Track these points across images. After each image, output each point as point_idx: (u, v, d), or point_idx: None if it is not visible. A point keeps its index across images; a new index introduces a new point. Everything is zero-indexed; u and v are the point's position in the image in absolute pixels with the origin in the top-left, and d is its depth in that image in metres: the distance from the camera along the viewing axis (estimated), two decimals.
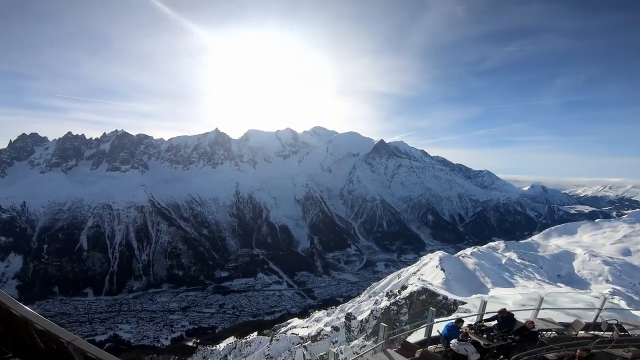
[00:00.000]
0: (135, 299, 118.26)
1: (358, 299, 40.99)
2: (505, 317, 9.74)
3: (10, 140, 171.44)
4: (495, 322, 9.91)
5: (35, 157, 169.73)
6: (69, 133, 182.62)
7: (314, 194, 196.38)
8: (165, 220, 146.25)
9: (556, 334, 10.43)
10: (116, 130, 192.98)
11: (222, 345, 41.85)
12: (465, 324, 9.73)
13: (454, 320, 9.74)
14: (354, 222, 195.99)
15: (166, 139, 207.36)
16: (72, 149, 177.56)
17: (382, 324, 9.96)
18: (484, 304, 11.11)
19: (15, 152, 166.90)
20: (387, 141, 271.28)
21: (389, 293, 32.07)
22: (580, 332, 10.50)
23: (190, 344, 74.95)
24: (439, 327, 9.99)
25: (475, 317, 11.21)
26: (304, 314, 63.32)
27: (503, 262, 33.11)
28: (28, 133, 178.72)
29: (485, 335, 9.23)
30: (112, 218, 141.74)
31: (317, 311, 46.56)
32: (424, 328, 10.66)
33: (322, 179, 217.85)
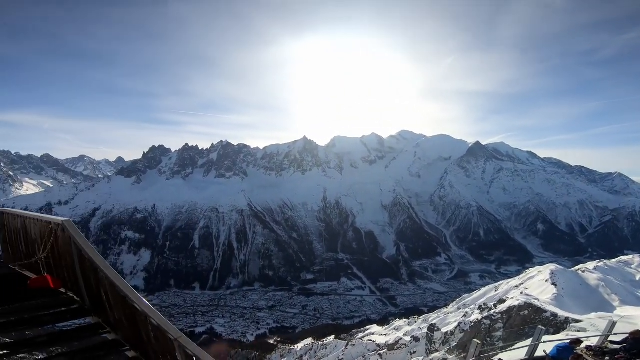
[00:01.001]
0: (231, 295, 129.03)
1: (444, 310, 37.58)
2: (638, 340, 7.80)
3: (144, 152, 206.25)
4: (625, 344, 8.01)
5: (162, 166, 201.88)
6: (186, 144, 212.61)
7: (402, 200, 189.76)
8: (261, 224, 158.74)
9: None
10: (221, 141, 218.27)
11: (299, 346, 42.87)
12: (582, 345, 8.26)
13: (567, 341, 8.33)
14: (446, 230, 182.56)
15: (261, 147, 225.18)
16: (189, 158, 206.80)
17: (474, 340, 9.02)
18: (612, 324, 9.19)
19: (147, 162, 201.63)
20: (483, 143, 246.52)
21: (482, 306, 28.41)
22: None
23: (272, 341, 78.76)
24: (545, 347, 8.73)
25: (593, 339, 9.37)
26: (383, 321, 61.20)
27: (637, 278, 26.28)
28: (157, 145, 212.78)
29: (607, 358, 7.58)
30: (218, 220, 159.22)
31: (397, 319, 44.29)
32: (524, 347, 9.53)
33: (411, 185, 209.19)
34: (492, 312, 25.34)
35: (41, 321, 4.73)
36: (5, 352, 4.02)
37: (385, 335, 35.29)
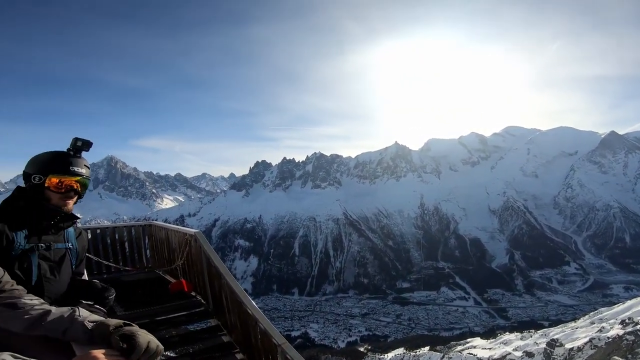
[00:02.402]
0: (326, 301, 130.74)
1: (572, 324, 31.05)
2: None
3: (250, 167, 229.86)
4: None
5: (266, 179, 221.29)
6: (284, 158, 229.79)
7: (515, 203, 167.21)
8: (356, 232, 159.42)
9: None
10: (315, 153, 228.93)
11: (389, 355, 40.41)
12: None
13: None
14: (576, 236, 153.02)
15: (353, 156, 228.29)
16: (287, 171, 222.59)
17: (614, 357, 7.46)
18: None
19: (253, 177, 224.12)
20: (620, 133, 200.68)
21: (627, 320, 22.59)
22: None
23: (362, 349, 75.84)
24: None
25: None
26: (489, 334, 53.69)
27: None
28: (260, 161, 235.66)
29: None
30: (315, 229, 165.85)
31: (507, 333, 38.26)
32: None
33: (525, 186, 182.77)
34: (638, 327, 19.97)
35: (177, 322, 5.55)
36: None
37: (490, 349, 30.88)
